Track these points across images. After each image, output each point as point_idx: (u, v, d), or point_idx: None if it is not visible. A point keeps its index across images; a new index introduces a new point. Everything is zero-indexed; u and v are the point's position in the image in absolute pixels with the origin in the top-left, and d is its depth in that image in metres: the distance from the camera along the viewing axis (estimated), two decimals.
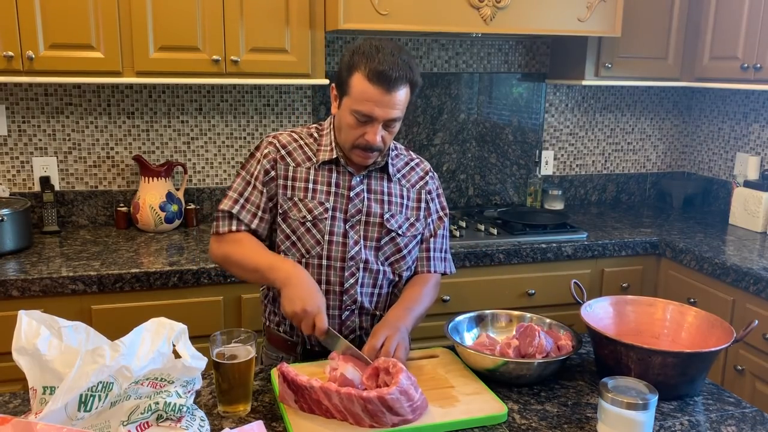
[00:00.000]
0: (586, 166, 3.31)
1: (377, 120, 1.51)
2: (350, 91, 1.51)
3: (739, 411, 1.36)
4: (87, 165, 2.67)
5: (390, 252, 1.65)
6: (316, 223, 1.60)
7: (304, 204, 1.60)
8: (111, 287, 2.12)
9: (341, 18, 2.30)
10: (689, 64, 2.90)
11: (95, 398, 1.02)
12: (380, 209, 1.63)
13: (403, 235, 1.65)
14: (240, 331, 1.34)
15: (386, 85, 1.48)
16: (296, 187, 1.61)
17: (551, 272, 2.58)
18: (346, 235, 1.61)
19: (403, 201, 1.67)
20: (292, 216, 1.60)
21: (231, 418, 1.29)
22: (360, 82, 1.49)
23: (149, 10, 2.28)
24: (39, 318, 1.09)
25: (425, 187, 1.71)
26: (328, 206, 1.60)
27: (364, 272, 1.62)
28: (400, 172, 1.69)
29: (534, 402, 1.38)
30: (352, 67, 1.51)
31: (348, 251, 1.60)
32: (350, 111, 1.52)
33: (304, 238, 1.60)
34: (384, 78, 1.47)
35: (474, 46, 3.01)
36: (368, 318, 1.66)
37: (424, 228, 1.71)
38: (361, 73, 1.49)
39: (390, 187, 1.66)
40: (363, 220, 1.62)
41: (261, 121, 2.83)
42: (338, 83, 1.56)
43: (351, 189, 1.62)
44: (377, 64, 1.47)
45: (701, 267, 2.43)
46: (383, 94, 1.48)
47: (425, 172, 1.73)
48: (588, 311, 1.55)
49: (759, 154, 2.99)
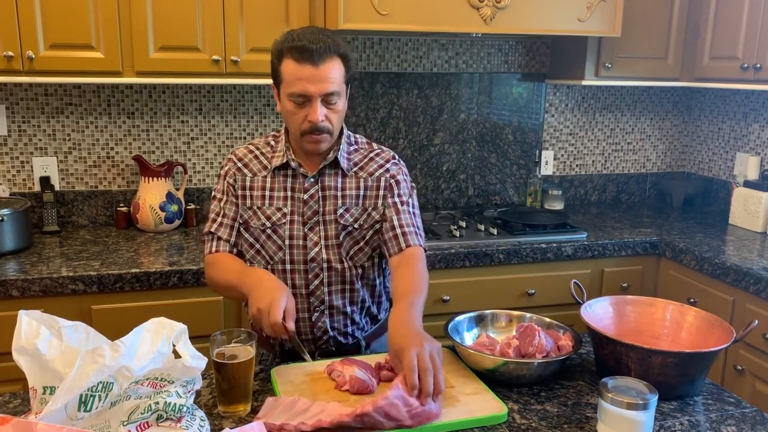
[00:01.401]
0: (586, 166, 3.31)
1: (313, 97, 1.50)
2: (282, 78, 1.52)
3: (739, 411, 1.36)
4: (87, 165, 2.67)
5: (349, 246, 1.64)
6: (275, 229, 1.62)
7: (263, 211, 1.63)
8: (111, 287, 2.12)
9: (341, 18, 2.30)
10: (689, 64, 2.90)
11: (95, 398, 1.02)
12: (334, 206, 1.63)
13: (359, 228, 1.64)
14: (240, 331, 1.34)
15: (311, 59, 1.47)
16: (254, 196, 1.64)
17: (551, 272, 2.58)
18: (306, 237, 1.62)
19: (359, 192, 1.64)
20: (252, 224, 1.64)
21: (231, 418, 1.29)
22: (288, 65, 1.50)
23: (149, 10, 2.28)
24: (39, 318, 1.09)
25: (386, 174, 1.66)
26: (285, 211, 1.62)
27: (328, 272, 1.63)
28: (357, 165, 1.66)
29: (534, 402, 1.38)
30: (279, 55, 1.52)
31: (308, 253, 1.62)
32: (287, 96, 1.52)
33: (266, 245, 1.63)
34: (307, 52, 1.47)
35: (474, 46, 3.01)
36: (340, 318, 1.67)
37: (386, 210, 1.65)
38: (287, 57, 1.50)
39: (345, 182, 1.64)
40: (321, 220, 1.63)
41: (261, 121, 2.83)
42: (273, 77, 1.57)
43: (305, 191, 1.63)
44: (297, 41, 1.48)
45: (701, 267, 2.43)
46: (312, 69, 1.48)
47: (386, 160, 1.68)
48: (588, 311, 1.55)
49: (759, 154, 2.99)
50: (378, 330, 1.77)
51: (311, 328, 1.65)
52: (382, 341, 1.76)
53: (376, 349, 1.75)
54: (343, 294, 1.66)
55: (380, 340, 1.76)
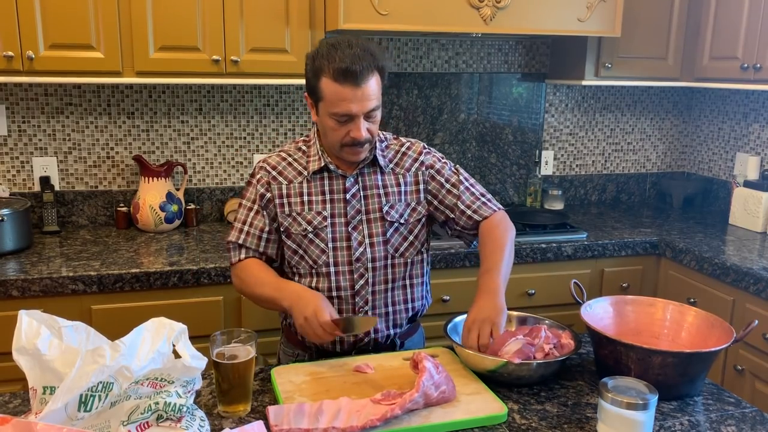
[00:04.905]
0: (586, 166, 3.31)
1: (357, 116, 1.51)
2: (322, 96, 1.52)
3: (739, 411, 1.36)
4: (87, 165, 2.67)
5: (398, 242, 1.66)
6: (317, 233, 1.62)
7: (303, 217, 1.62)
8: (111, 287, 2.12)
9: (341, 18, 2.30)
10: (689, 64, 2.90)
11: (95, 398, 1.02)
12: (378, 203, 1.64)
13: (405, 223, 1.66)
14: (240, 331, 1.34)
15: (354, 81, 1.48)
16: (292, 203, 1.63)
17: (551, 272, 2.58)
18: (349, 238, 1.62)
19: (400, 188, 1.67)
20: (293, 231, 1.63)
21: (231, 418, 1.29)
22: (328, 85, 1.50)
23: (149, 10, 2.28)
24: (39, 318, 1.09)
25: (422, 167, 1.70)
26: (326, 214, 1.62)
27: (373, 272, 1.64)
28: (392, 162, 1.69)
29: (534, 402, 1.38)
30: (317, 73, 1.51)
31: (353, 253, 1.62)
32: (328, 115, 1.53)
33: (309, 250, 1.62)
34: (349, 74, 1.47)
35: (474, 46, 3.01)
36: (383, 318, 1.67)
37: (443, 199, 1.69)
38: (326, 77, 1.49)
39: (384, 179, 1.67)
40: (364, 219, 1.63)
41: (261, 121, 2.83)
42: (309, 91, 1.57)
43: (346, 191, 1.63)
44: (338, 62, 1.47)
45: (701, 267, 2.43)
46: (354, 90, 1.48)
47: (419, 153, 1.71)
48: (588, 311, 1.55)
49: (759, 154, 2.99)
50: (412, 329, 1.77)
51: None
52: (414, 339, 1.78)
53: (410, 347, 1.75)
54: (386, 294, 1.66)
55: (413, 338, 1.77)
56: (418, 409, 1.29)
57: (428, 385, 1.29)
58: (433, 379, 1.30)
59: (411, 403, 1.26)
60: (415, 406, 1.28)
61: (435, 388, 1.30)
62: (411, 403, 1.26)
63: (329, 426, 1.21)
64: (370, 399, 1.29)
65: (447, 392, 1.32)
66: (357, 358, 1.53)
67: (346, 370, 1.47)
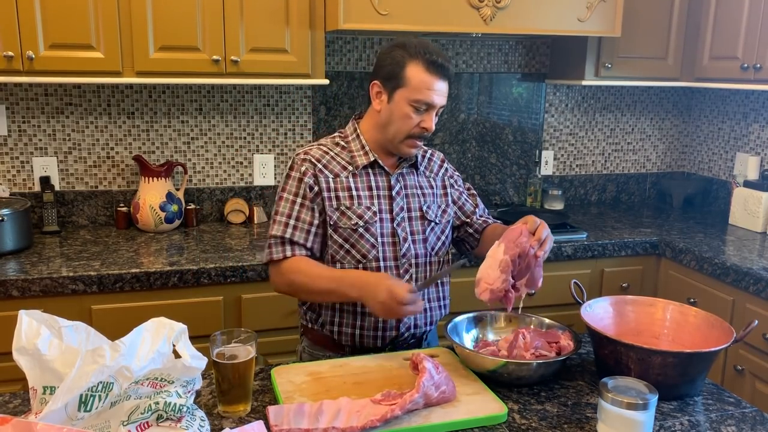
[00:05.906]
0: (586, 166, 3.31)
1: (434, 107, 1.59)
2: (407, 83, 1.57)
3: (739, 411, 1.36)
4: (87, 165, 2.67)
5: (434, 242, 1.71)
6: (368, 228, 1.63)
7: (353, 211, 1.63)
8: (111, 287, 2.12)
9: (341, 18, 2.30)
10: (689, 64, 2.90)
11: (95, 398, 1.02)
12: (418, 203, 1.70)
13: (439, 223, 1.73)
14: (240, 331, 1.34)
15: (443, 74, 1.58)
16: (340, 197, 1.64)
17: (551, 272, 2.56)
18: (395, 234, 1.65)
19: (433, 191, 1.75)
20: (342, 225, 1.63)
21: (231, 418, 1.29)
22: (418, 72, 1.56)
23: (149, 10, 2.28)
24: (39, 318, 1.09)
25: (446, 174, 1.81)
26: (375, 209, 1.64)
27: (416, 268, 1.68)
28: (422, 165, 1.76)
29: (534, 402, 1.38)
30: (405, 59, 1.57)
31: (399, 249, 1.65)
32: (408, 101, 1.58)
33: (358, 244, 1.63)
34: (441, 68, 1.57)
35: (474, 46, 3.01)
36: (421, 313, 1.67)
37: (462, 205, 1.81)
38: (417, 65, 1.56)
39: (420, 181, 1.73)
40: (406, 217, 1.68)
41: (261, 121, 2.83)
42: (388, 78, 1.60)
43: (391, 188, 1.67)
44: (434, 56, 1.57)
45: (701, 267, 2.43)
46: (440, 83, 1.58)
47: (442, 160, 1.83)
48: (588, 311, 1.55)
49: (759, 154, 2.99)
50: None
51: (397, 323, 1.65)
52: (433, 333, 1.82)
53: (432, 342, 1.80)
54: (425, 290, 1.70)
55: (432, 333, 1.81)
56: (418, 409, 1.30)
57: (428, 386, 1.29)
58: (433, 379, 1.30)
59: (411, 404, 1.26)
60: (415, 407, 1.28)
61: (435, 389, 1.30)
62: (411, 403, 1.26)
63: (329, 426, 1.21)
64: (370, 399, 1.30)
65: (447, 392, 1.32)
66: (359, 358, 1.53)
67: (346, 370, 1.47)
